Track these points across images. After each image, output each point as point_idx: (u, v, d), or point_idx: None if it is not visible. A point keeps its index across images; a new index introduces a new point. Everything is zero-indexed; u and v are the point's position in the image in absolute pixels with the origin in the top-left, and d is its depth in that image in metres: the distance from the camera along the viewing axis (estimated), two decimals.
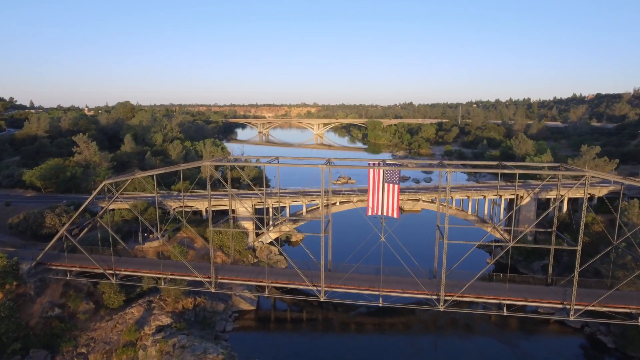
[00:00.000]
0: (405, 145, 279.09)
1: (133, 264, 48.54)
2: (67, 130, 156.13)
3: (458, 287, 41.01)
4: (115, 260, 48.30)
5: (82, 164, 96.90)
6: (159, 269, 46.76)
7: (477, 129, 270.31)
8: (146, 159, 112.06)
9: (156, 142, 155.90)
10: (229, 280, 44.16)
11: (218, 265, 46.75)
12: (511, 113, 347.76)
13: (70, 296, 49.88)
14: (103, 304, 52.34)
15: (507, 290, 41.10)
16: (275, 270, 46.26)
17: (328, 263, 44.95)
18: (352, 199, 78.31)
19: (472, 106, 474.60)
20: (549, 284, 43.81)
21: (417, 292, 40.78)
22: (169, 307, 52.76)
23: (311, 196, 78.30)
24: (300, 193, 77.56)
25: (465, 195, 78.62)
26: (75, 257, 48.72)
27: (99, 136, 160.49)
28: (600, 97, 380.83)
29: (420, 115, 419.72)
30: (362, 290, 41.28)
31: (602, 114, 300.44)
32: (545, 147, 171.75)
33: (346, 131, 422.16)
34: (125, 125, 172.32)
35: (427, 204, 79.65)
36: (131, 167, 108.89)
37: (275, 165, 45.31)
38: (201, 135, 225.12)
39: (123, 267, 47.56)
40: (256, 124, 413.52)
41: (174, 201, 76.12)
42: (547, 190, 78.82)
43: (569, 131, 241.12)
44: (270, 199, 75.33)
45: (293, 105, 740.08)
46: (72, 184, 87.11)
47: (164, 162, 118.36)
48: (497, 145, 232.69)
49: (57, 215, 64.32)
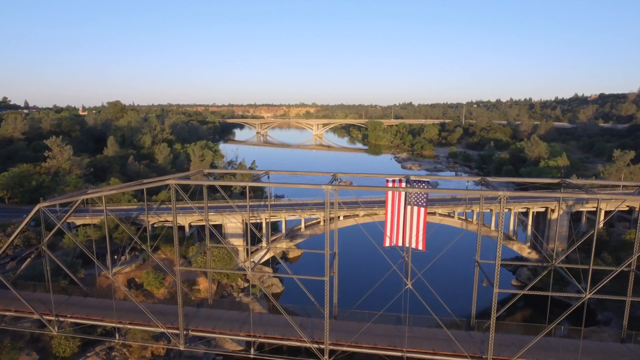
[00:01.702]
0: (407, 147, 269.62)
1: (84, 306, 38.13)
2: (48, 132, 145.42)
3: (511, 347, 30.79)
4: (59, 302, 37.75)
5: (51, 172, 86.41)
6: (117, 315, 36.15)
7: (482, 129, 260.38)
8: (129, 164, 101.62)
9: (145, 144, 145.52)
10: (205, 334, 34.06)
11: (191, 311, 36.69)
12: (515, 113, 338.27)
13: (5, 347, 39.44)
14: (51, 352, 42.02)
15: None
16: (266, 319, 36.21)
17: (334, 307, 34.79)
18: (358, 213, 68.07)
19: (473, 106, 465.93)
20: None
21: (454, 355, 30.54)
22: (133, 355, 42.55)
23: (310, 210, 68.04)
24: (299, 206, 67.46)
25: (489, 208, 68.37)
26: (11, 296, 38.27)
27: (84, 138, 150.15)
28: (604, 97, 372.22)
29: (421, 115, 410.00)
30: (379, 351, 31.10)
31: (608, 114, 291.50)
32: (559, 150, 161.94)
33: (345, 131, 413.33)
34: (113, 126, 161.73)
35: (445, 219, 69.32)
36: (112, 172, 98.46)
37: (265, 185, 35.01)
38: (195, 137, 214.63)
39: (70, 311, 37.21)
40: (254, 125, 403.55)
41: (153, 215, 65.78)
42: (582, 202, 68.74)
43: (577, 132, 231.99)
44: (263, 213, 65.03)
45: (292, 106, 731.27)
46: (39, 194, 76.70)
47: (149, 168, 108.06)
48: (503, 146, 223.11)
49: (8, 235, 53.89)
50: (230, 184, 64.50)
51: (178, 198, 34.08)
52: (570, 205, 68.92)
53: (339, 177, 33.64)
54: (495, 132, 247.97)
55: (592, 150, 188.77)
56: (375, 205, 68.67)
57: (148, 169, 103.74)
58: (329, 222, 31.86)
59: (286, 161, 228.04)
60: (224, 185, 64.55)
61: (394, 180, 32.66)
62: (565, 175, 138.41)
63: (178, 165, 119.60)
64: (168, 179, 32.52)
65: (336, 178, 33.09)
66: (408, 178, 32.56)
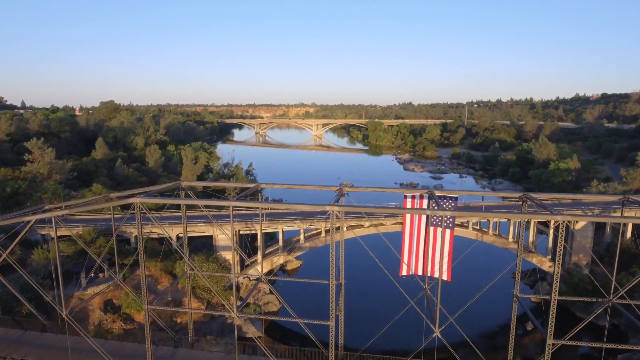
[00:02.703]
0: (409, 147, 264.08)
1: (38, 345, 31.83)
2: (36, 133, 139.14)
3: None
4: (10, 339, 31.47)
5: (28, 177, 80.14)
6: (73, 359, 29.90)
7: (485, 130, 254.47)
8: (116, 168, 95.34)
9: (137, 146, 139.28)
10: None
11: (166, 353, 30.59)
12: (518, 113, 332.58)
13: None
14: None
15: None
16: None
17: (340, 349, 28.76)
18: (363, 223, 61.94)
19: (473, 106, 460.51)
20: None
21: None
22: None
23: (310, 219, 61.94)
24: (298, 217, 61.44)
25: (506, 217, 62.22)
26: None
27: (74, 140, 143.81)
28: (607, 97, 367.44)
29: (422, 115, 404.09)
30: None
31: (612, 114, 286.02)
32: (567, 151, 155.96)
33: (345, 132, 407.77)
34: (104, 127, 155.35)
35: (460, 230, 63.03)
36: (98, 177, 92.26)
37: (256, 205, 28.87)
38: (192, 138, 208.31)
39: (21, 352, 31.11)
40: (253, 125, 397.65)
41: (135, 226, 59.50)
42: (609, 210, 62.75)
43: (583, 132, 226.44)
44: (258, 224, 58.90)
45: (291, 105, 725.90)
46: (14, 201, 70.52)
47: (140, 171, 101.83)
48: (508, 147, 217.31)
49: None
50: (210, 204, 56.37)
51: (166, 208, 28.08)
52: (595, 215, 62.89)
53: (346, 191, 27.52)
54: (499, 132, 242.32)
55: (600, 151, 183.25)
56: (379, 215, 62.48)
57: (138, 173, 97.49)
58: (334, 248, 25.79)
59: (285, 162, 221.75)
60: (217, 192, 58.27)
61: (414, 197, 26.57)
62: (577, 178, 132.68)
63: (171, 168, 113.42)
64: (133, 197, 26.47)
65: (343, 194, 26.99)
66: (432, 193, 26.48)
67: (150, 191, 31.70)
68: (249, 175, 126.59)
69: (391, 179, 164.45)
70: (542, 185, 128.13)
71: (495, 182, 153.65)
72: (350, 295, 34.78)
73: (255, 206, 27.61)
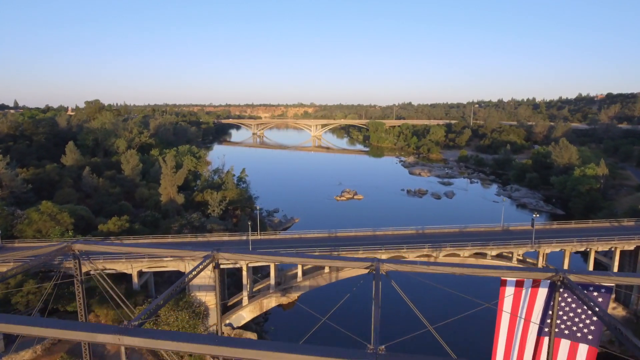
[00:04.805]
0: (412, 149, 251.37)
1: None
2: (6, 136, 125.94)
3: None
4: None
5: None
6: None
7: (492, 131, 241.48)
8: (83, 178, 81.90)
9: (119, 149, 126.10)
10: None
11: None
12: (525, 114, 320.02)
13: None
14: None
15: None
16: None
17: None
18: (379, 255, 48.87)
19: (475, 106, 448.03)
20: None
21: None
22: None
23: (312, 247, 48.90)
24: (296, 243, 48.39)
25: (560, 247, 49.18)
26: None
27: (48, 144, 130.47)
28: (612, 96, 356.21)
29: (423, 115, 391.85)
30: None
31: (620, 115, 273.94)
32: (589, 155, 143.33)
33: (345, 132, 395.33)
34: (84, 128, 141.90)
35: (489, 263, 49.98)
36: (63, 188, 78.97)
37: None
38: (184, 140, 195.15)
39: None
40: (250, 125, 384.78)
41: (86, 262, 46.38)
42: None
43: (597, 134, 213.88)
44: (245, 259, 45.85)
45: (290, 105, 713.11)
46: None
47: (114, 181, 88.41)
48: (518, 150, 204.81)
49: None
50: (129, 264, 42.53)
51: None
52: None
53: (384, 271, 14.43)
54: (507, 134, 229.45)
55: (617, 154, 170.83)
56: (393, 243, 49.53)
57: (110, 183, 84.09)
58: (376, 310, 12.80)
59: (282, 166, 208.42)
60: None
61: (520, 282, 13.45)
62: (605, 185, 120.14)
63: (152, 176, 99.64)
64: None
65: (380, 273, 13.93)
66: (565, 277, 13.24)
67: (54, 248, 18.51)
68: (240, 183, 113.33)
69: (397, 184, 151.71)
70: (567, 194, 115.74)
71: (512, 189, 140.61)
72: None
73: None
